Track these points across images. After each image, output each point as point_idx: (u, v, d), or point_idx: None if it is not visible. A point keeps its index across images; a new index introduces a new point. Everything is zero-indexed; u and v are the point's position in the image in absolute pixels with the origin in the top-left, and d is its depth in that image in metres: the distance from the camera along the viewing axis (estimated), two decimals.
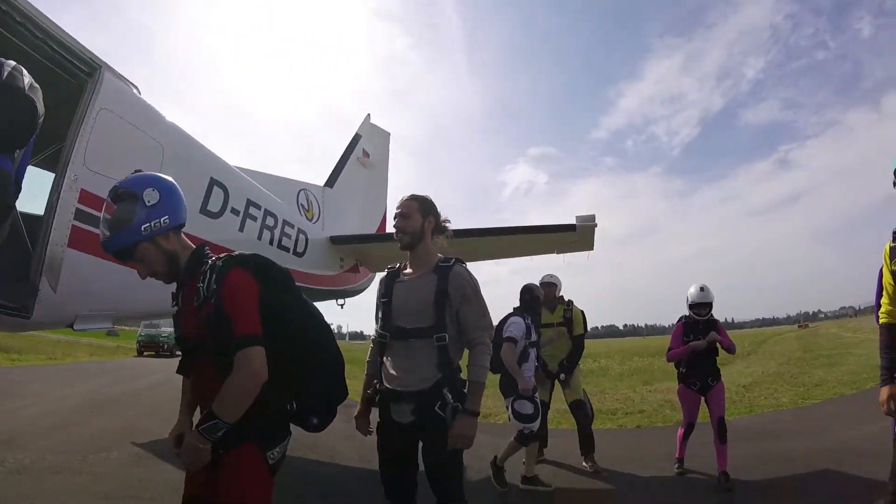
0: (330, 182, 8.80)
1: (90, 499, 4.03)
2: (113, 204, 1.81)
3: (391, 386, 2.45)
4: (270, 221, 5.89)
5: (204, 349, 1.81)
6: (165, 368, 16.56)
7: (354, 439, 5.09)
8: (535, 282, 5.40)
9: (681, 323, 4.98)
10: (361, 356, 3.32)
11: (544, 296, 5.82)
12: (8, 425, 6.18)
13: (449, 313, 2.42)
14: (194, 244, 1.92)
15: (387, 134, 11.14)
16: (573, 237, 6.86)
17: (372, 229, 10.22)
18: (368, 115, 10.26)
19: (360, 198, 9.77)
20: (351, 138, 9.77)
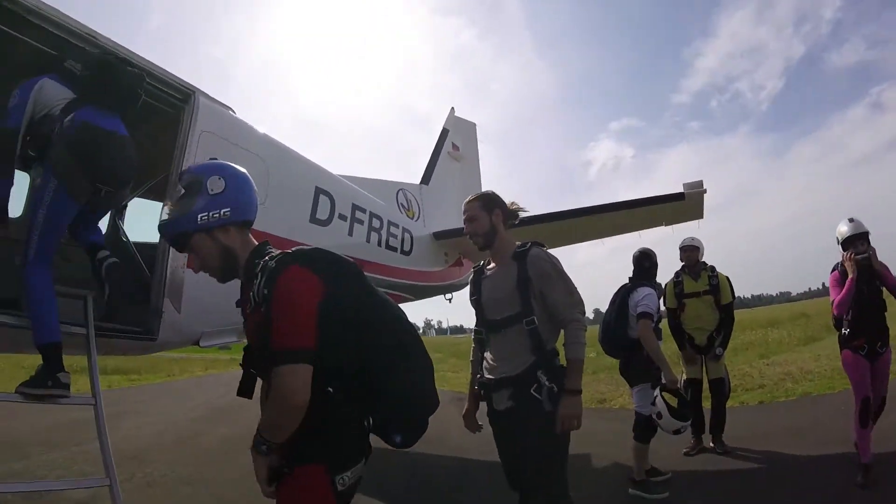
0: (425, 179, 8.65)
1: None
2: (178, 188, 1.64)
3: (491, 375, 2.44)
4: (377, 223, 5.77)
5: (263, 360, 1.56)
6: None
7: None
8: (637, 250, 4.51)
9: (836, 272, 3.97)
10: (465, 349, 3.08)
11: (688, 261, 5.12)
12: (135, 443, 6.18)
13: (534, 297, 2.38)
14: (287, 250, 1.60)
15: (473, 125, 10.84)
16: (682, 206, 6.28)
17: None
18: (452, 109, 10.02)
19: (456, 191, 9.51)
20: (439, 134, 9.59)
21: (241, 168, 1.70)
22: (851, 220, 3.93)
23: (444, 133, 9.60)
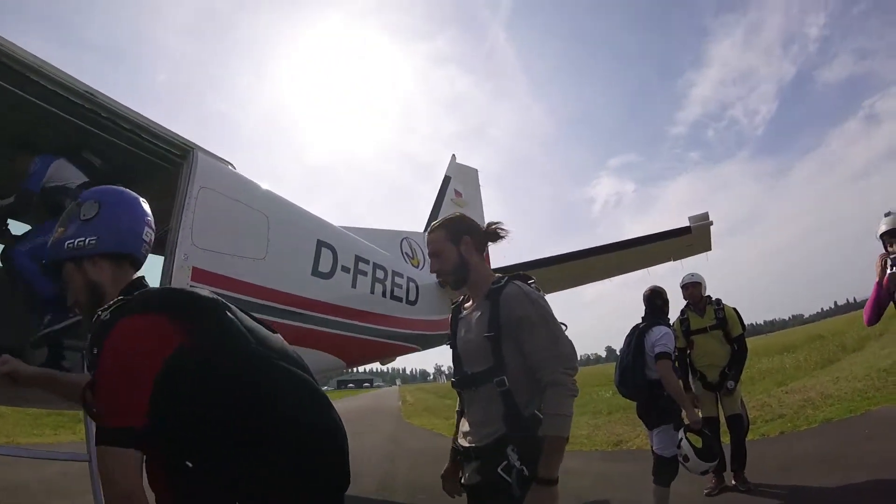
0: (429, 227, 8.55)
1: None
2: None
3: (462, 442, 1.96)
4: (380, 274, 5.61)
5: None
6: None
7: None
8: (648, 288, 4.37)
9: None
10: None
11: (691, 297, 4.98)
12: None
13: (510, 348, 1.83)
14: (295, 305, 1.35)
15: (474, 171, 10.86)
16: (689, 240, 6.22)
17: None
18: (454, 156, 10.06)
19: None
20: (441, 181, 9.59)
21: (131, 193, 1.51)
22: (888, 214, 3.42)
23: (447, 180, 9.59)
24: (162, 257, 3.58)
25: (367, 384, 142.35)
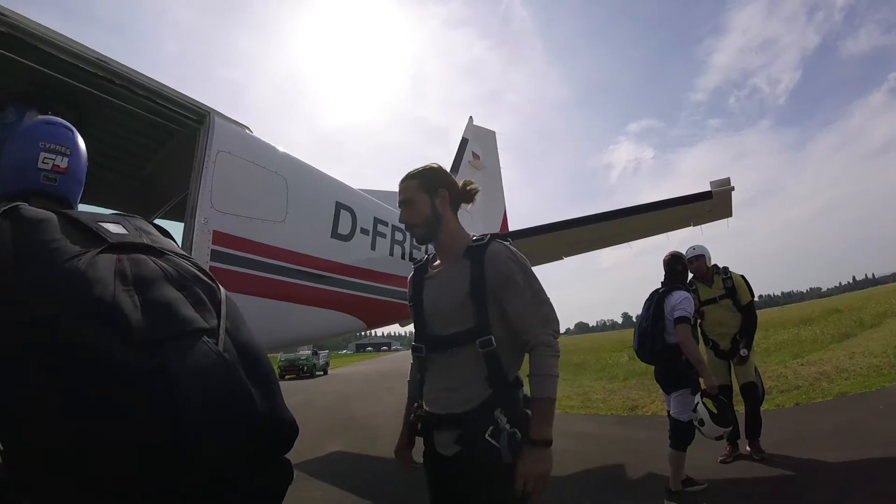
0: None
1: None
2: None
3: (431, 409, 1.79)
4: (399, 236, 5.56)
5: None
6: (307, 389, 17.22)
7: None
8: (668, 253, 4.36)
9: None
10: None
11: (697, 271, 4.93)
12: None
13: (493, 308, 1.72)
14: (315, 267, 1.13)
15: (492, 133, 10.62)
16: (709, 205, 6.07)
17: (494, 230, 9.69)
18: (471, 118, 9.83)
19: (478, 201, 9.32)
20: (458, 144, 9.40)
21: (33, 118, 1.35)
22: None
23: (464, 142, 9.40)
24: (181, 223, 3.60)
25: (386, 347, 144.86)
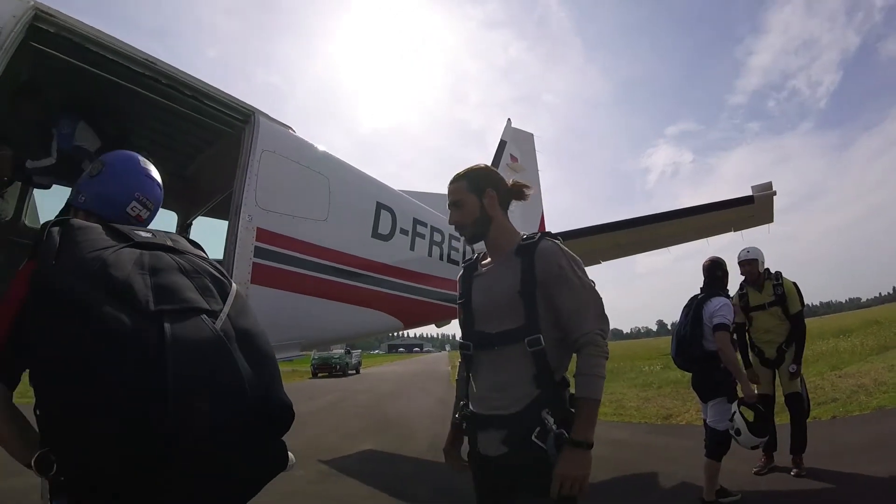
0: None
1: None
2: None
3: (476, 409, 1.76)
4: (438, 237, 5.53)
5: None
6: (341, 388, 17.35)
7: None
8: (708, 259, 4.23)
9: None
10: None
11: (748, 275, 4.70)
12: None
13: (543, 306, 1.68)
14: (356, 266, 1.25)
15: (530, 135, 10.50)
16: (751, 210, 5.89)
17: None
18: (509, 121, 9.74)
19: (516, 203, 9.23)
20: (497, 146, 9.32)
21: (137, 165, 1.56)
22: None
23: (502, 145, 9.33)
24: (224, 221, 3.64)
25: (418, 349, 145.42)
